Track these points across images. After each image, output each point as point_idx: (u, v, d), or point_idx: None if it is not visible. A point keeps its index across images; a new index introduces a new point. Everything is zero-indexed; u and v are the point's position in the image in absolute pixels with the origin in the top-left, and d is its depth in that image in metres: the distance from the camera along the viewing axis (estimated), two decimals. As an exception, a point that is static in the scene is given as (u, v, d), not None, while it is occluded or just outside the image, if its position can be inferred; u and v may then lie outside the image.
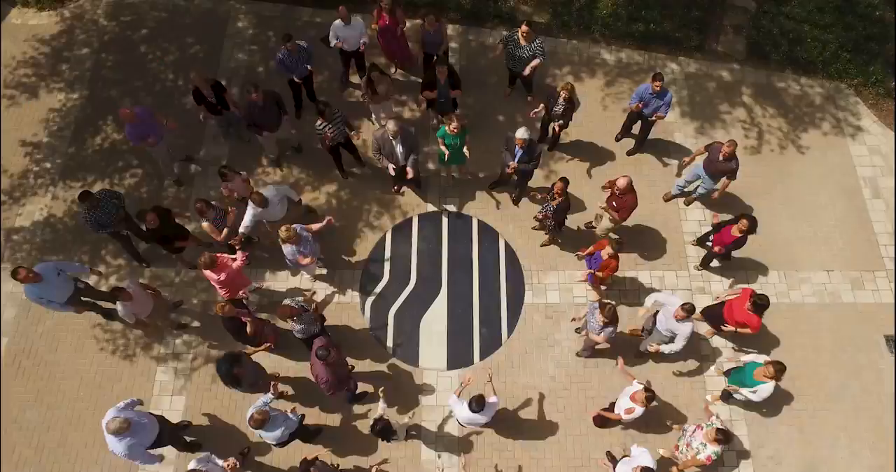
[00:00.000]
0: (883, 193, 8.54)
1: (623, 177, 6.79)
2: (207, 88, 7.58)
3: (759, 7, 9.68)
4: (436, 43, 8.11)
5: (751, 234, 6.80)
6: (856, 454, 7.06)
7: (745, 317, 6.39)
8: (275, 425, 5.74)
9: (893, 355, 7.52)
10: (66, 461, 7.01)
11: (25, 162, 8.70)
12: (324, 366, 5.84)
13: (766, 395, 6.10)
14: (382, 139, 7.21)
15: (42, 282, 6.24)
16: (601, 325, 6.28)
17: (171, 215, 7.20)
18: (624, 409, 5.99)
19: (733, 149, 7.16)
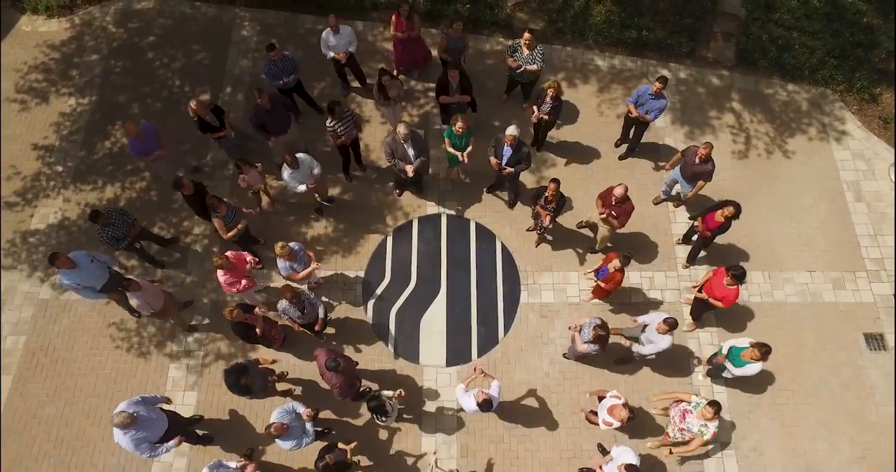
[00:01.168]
0: (865, 197, 8.87)
1: (619, 186, 7.08)
2: (209, 114, 7.81)
3: (750, 14, 9.97)
4: (458, 49, 8.37)
5: (734, 219, 7.13)
6: (834, 446, 7.44)
7: (725, 291, 6.78)
8: (290, 437, 6.06)
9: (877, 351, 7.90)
10: (84, 453, 7.37)
11: (38, 165, 9.00)
12: (335, 375, 6.19)
13: (752, 373, 6.48)
14: (394, 143, 7.52)
15: (77, 268, 6.55)
16: (590, 339, 6.60)
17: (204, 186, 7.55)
18: (603, 421, 6.32)
19: (709, 151, 7.43)
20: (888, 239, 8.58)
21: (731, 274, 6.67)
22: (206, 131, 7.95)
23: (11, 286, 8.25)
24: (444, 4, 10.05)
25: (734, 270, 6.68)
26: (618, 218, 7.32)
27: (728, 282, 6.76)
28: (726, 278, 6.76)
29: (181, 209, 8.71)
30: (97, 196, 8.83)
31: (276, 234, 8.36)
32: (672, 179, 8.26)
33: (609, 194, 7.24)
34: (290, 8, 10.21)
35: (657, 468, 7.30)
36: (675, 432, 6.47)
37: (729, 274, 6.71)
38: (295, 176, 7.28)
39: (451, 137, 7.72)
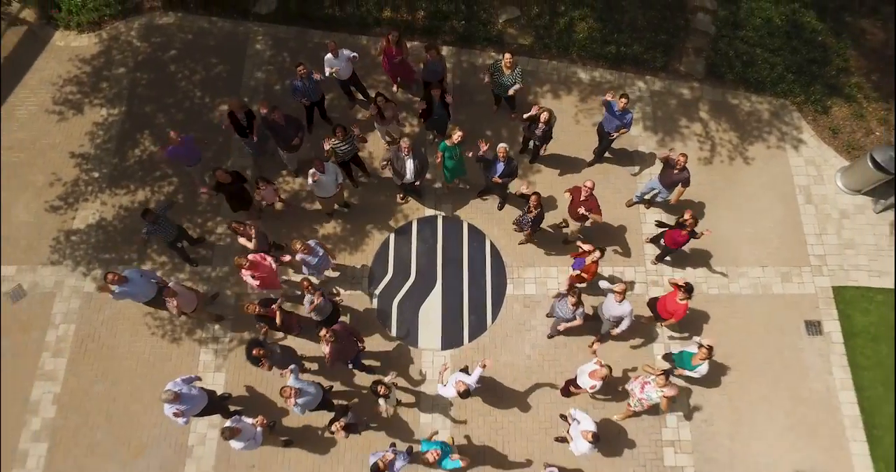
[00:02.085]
0: (814, 199, 9.97)
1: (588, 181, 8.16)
2: (241, 113, 8.89)
3: (719, 31, 10.94)
4: (437, 71, 9.37)
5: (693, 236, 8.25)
6: (773, 417, 8.68)
7: (676, 307, 7.89)
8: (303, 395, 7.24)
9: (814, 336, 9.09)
10: (129, 425, 8.58)
11: (77, 172, 10.05)
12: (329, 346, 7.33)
13: (704, 372, 7.67)
14: (395, 155, 8.58)
15: (129, 282, 7.67)
16: (573, 308, 7.75)
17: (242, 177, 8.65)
18: (589, 386, 7.50)
19: (685, 161, 8.51)
20: (831, 238, 9.71)
21: (683, 291, 7.72)
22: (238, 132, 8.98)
23: (60, 281, 9.37)
24: (440, 21, 10.99)
25: (686, 288, 7.73)
26: (593, 210, 8.35)
27: (680, 298, 7.78)
28: (679, 295, 7.80)
29: (205, 211, 9.80)
30: (130, 199, 9.91)
31: (295, 233, 9.45)
32: (649, 186, 9.32)
33: (578, 191, 8.30)
34: (300, 23, 11.14)
35: (621, 436, 8.55)
36: (635, 402, 7.67)
37: (681, 291, 7.76)
38: (322, 182, 8.34)
39: (445, 149, 8.75)
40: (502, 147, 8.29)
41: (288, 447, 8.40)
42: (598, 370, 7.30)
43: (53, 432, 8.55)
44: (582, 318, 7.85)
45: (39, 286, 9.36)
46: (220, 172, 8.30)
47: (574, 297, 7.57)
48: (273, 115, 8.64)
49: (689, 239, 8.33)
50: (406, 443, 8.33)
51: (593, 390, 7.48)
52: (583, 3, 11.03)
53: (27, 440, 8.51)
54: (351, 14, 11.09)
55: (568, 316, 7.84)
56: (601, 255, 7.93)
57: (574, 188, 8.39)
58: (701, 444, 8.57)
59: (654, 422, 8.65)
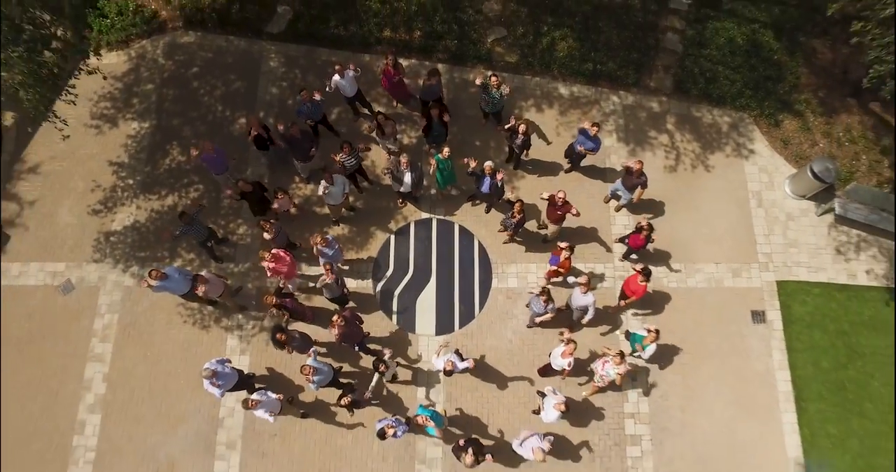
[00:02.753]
0: (764, 204, 11.30)
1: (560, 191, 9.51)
2: (260, 130, 10.19)
3: (686, 50, 12.14)
4: (434, 92, 10.63)
5: (650, 240, 9.63)
6: (719, 393, 10.13)
7: (636, 287, 9.31)
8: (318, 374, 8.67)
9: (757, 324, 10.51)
10: (168, 400, 10.04)
11: (114, 179, 11.36)
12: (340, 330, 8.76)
13: (653, 352, 9.11)
14: (395, 168, 9.91)
15: (168, 279, 9.06)
16: (544, 305, 9.17)
17: (264, 189, 10.02)
18: (565, 364, 8.91)
19: (641, 167, 9.84)
20: (777, 237, 11.07)
21: (642, 274, 9.16)
22: (259, 146, 10.29)
23: (103, 276, 10.76)
24: (435, 40, 12.18)
25: (645, 271, 9.16)
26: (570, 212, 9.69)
27: (640, 280, 9.25)
28: (639, 278, 9.25)
29: (228, 214, 11.14)
30: (161, 203, 11.24)
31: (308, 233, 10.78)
32: (614, 190, 10.69)
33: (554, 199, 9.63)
34: (309, 42, 12.33)
35: (589, 409, 10.01)
36: (598, 378, 9.11)
37: (641, 274, 9.19)
38: (332, 193, 9.68)
39: (439, 161, 10.06)
40: (488, 165, 9.61)
41: (304, 418, 9.88)
42: (567, 348, 8.69)
43: (105, 405, 10.03)
44: (553, 312, 9.26)
45: (86, 281, 10.75)
46: (242, 183, 9.64)
47: (545, 295, 8.96)
48: (291, 130, 9.93)
49: (647, 242, 9.70)
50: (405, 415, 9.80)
51: (570, 368, 8.88)
52: (563, 24, 12.21)
53: (84, 412, 9.99)
54: (354, 33, 12.28)
55: (541, 311, 9.25)
56: (571, 252, 9.31)
57: (550, 196, 9.71)
58: (657, 416, 10.05)
59: (617, 398, 10.11)
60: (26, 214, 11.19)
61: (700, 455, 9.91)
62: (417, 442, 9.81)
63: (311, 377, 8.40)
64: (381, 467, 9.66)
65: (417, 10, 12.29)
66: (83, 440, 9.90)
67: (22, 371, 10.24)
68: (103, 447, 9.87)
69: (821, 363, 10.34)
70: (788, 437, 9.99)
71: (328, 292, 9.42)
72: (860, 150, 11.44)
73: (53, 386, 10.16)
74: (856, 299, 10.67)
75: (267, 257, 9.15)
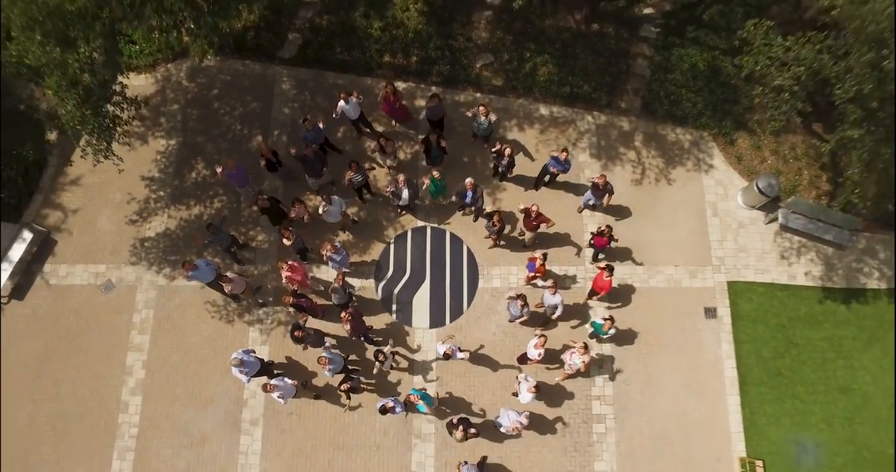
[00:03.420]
0: (719, 213, 12.84)
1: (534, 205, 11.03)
2: (270, 155, 11.69)
3: (653, 75, 13.61)
4: (437, 113, 12.13)
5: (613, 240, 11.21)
6: (674, 378, 11.76)
7: (603, 283, 10.91)
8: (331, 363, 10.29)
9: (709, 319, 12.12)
10: (199, 384, 11.68)
11: (147, 192, 12.89)
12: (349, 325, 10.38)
13: (613, 333, 10.76)
14: (394, 186, 11.44)
15: (198, 269, 10.63)
16: (520, 309, 10.75)
17: (279, 203, 11.56)
18: (536, 354, 10.55)
19: (605, 180, 11.39)
20: (729, 243, 12.63)
21: (606, 271, 10.77)
22: (269, 168, 11.81)
23: (139, 276, 12.34)
24: (430, 65, 13.64)
25: (609, 268, 10.77)
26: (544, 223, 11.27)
27: (605, 276, 10.86)
28: (604, 274, 10.86)
29: (248, 222, 12.69)
30: (188, 213, 12.79)
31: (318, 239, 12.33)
32: (586, 201, 12.24)
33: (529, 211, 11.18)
34: (317, 66, 13.77)
35: (561, 392, 11.65)
36: (567, 367, 10.74)
37: (605, 271, 10.80)
38: (330, 211, 11.22)
39: (432, 180, 11.58)
40: (469, 181, 11.15)
41: (317, 400, 11.52)
42: (538, 341, 10.33)
43: (144, 388, 11.67)
44: (528, 315, 10.87)
45: (124, 281, 12.34)
46: (261, 200, 11.13)
47: (521, 300, 10.56)
48: (305, 151, 11.44)
49: (610, 242, 11.28)
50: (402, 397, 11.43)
51: (540, 357, 10.53)
52: (544, 51, 13.66)
53: (126, 394, 11.64)
54: (357, 58, 13.73)
55: (517, 314, 10.84)
56: (545, 259, 10.90)
57: (525, 209, 11.25)
58: (620, 398, 11.69)
59: (586, 383, 11.75)
60: (70, 221, 12.74)
61: (656, 432, 11.57)
62: (413, 420, 11.46)
63: (326, 366, 10.02)
64: (383, 440, 11.33)
65: (414, 37, 13.74)
66: (127, 418, 11.56)
67: (72, 358, 11.87)
68: (144, 424, 11.53)
69: (762, 353, 11.96)
70: (732, 416, 11.65)
71: (336, 296, 10.98)
72: (803, 166, 12.96)
73: (100, 371, 11.80)
74: (794, 297, 12.27)
75: (284, 267, 10.72)
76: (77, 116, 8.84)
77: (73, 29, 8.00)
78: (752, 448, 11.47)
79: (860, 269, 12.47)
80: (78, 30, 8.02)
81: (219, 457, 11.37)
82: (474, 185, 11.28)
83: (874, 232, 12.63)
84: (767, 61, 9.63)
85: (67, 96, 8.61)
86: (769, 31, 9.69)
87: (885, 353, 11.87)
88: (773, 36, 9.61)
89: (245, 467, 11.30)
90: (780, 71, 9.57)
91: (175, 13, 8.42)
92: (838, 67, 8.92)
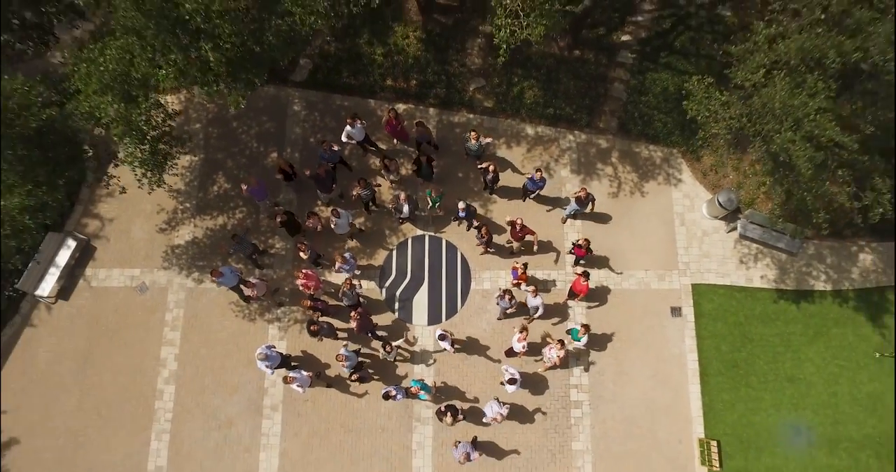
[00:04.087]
0: (686, 223, 14.41)
1: (518, 218, 12.61)
2: (287, 167, 13.26)
3: (629, 97, 15.13)
4: (424, 138, 13.68)
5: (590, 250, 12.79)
6: (642, 370, 13.39)
7: (581, 286, 12.52)
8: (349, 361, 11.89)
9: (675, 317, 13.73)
10: (225, 374, 13.29)
11: (174, 203, 14.43)
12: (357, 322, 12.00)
13: (585, 342, 12.37)
14: (396, 201, 13.01)
15: (223, 276, 12.21)
16: (508, 301, 12.34)
17: (295, 216, 13.11)
18: (520, 347, 12.16)
19: (585, 192, 12.96)
20: (694, 250, 14.22)
21: (583, 276, 12.36)
22: (285, 179, 13.36)
23: (170, 279, 13.92)
24: (427, 89, 15.14)
25: (585, 274, 12.37)
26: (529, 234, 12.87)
27: (582, 281, 12.46)
28: (581, 279, 12.46)
29: (266, 231, 14.24)
30: (213, 223, 14.33)
31: (330, 248, 13.89)
32: (572, 208, 13.80)
33: (514, 224, 12.77)
34: (326, 89, 15.26)
35: (542, 381, 13.28)
36: (546, 359, 12.37)
37: (582, 276, 12.40)
38: (339, 224, 12.79)
39: (429, 195, 13.15)
40: (461, 205, 12.71)
41: (329, 388, 13.15)
42: (521, 335, 11.95)
43: (177, 378, 13.29)
44: (516, 306, 12.47)
45: (157, 283, 13.91)
46: (279, 215, 12.69)
47: (508, 294, 12.16)
48: (318, 170, 12.99)
49: (588, 252, 12.87)
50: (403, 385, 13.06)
51: (524, 350, 12.15)
52: (530, 76, 15.17)
53: (161, 383, 13.25)
54: (363, 82, 15.22)
55: (506, 306, 12.45)
56: (526, 268, 12.49)
57: (510, 222, 12.82)
58: (594, 386, 13.33)
59: (565, 373, 13.38)
60: (107, 229, 14.29)
61: (626, 416, 13.22)
62: (414, 405, 13.10)
63: (344, 364, 11.66)
64: (388, 423, 12.98)
65: (413, 63, 15.23)
66: (162, 404, 13.18)
67: (113, 352, 13.46)
68: (177, 409, 13.15)
69: (721, 347, 13.58)
70: (693, 402, 13.29)
71: (347, 299, 12.57)
72: (761, 181, 14.50)
73: (137, 363, 13.40)
74: (750, 298, 13.88)
75: (300, 276, 12.32)
76: (137, 157, 10.42)
77: (135, 90, 9.57)
78: (710, 430, 13.13)
79: (809, 273, 14.09)
80: (139, 90, 9.58)
81: (243, 438, 13.01)
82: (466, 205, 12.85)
83: (822, 240, 14.22)
84: (706, 112, 11.21)
85: (129, 142, 10.18)
86: (709, 87, 11.26)
87: (827, 346, 13.51)
88: (712, 91, 11.19)
89: (267, 447, 12.95)
90: (716, 121, 11.18)
91: (219, 74, 9.93)
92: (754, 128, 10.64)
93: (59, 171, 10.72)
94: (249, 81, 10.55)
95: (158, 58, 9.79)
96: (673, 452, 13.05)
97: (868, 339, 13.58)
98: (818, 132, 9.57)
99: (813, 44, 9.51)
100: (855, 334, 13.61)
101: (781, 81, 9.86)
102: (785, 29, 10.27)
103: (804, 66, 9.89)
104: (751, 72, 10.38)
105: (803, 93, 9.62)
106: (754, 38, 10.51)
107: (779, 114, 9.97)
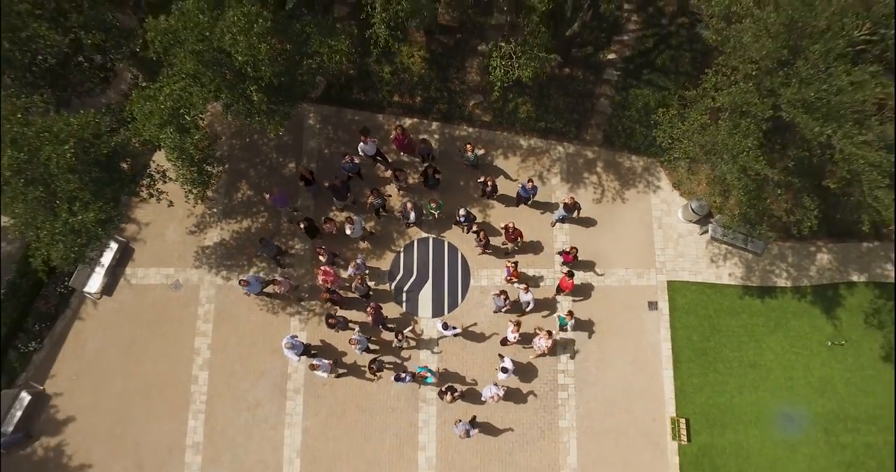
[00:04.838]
0: (663, 226, 16.08)
1: (510, 222, 14.29)
2: (308, 173, 14.89)
3: (613, 113, 16.72)
4: (426, 151, 15.30)
5: (576, 256, 14.47)
6: (621, 357, 15.13)
7: (566, 283, 14.22)
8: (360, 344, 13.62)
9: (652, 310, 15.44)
10: (253, 361, 15.01)
11: (203, 208, 16.05)
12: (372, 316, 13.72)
13: (573, 325, 14.09)
14: (403, 209, 14.66)
15: (250, 285, 13.89)
16: (503, 301, 14.04)
17: (314, 221, 14.75)
18: (513, 338, 13.88)
19: (573, 200, 14.63)
20: (670, 250, 15.91)
21: (568, 275, 14.06)
22: (306, 183, 14.98)
23: (202, 277, 15.58)
24: (431, 104, 16.70)
25: (570, 272, 14.07)
26: (520, 237, 14.56)
27: (568, 279, 14.16)
28: (566, 277, 14.15)
29: (287, 234, 15.89)
30: (238, 226, 15.97)
31: (344, 248, 15.54)
32: (560, 213, 15.47)
33: (507, 226, 14.44)
34: (338, 104, 16.83)
35: (533, 368, 15.03)
36: (536, 348, 14.09)
37: (567, 275, 14.10)
38: (353, 229, 14.45)
39: (429, 207, 14.79)
40: (462, 211, 14.36)
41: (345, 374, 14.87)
42: (513, 327, 13.67)
43: (210, 365, 15.01)
44: (509, 304, 14.18)
45: (190, 281, 15.58)
46: (301, 221, 14.35)
47: (503, 295, 13.86)
48: (335, 181, 14.62)
49: (574, 258, 14.55)
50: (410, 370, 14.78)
51: (517, 340, 13.89)
52: (524, 92, 16.73)
53: (196, 370, 14.98)
54: (372, 98, 16.78)
55: (501, 305, 14.15)
56: (516, 266, 14.20)
57: (504, 226, 14.50)
58: (579, 371, 15.08)
59: (553, 360, 15.12)
60: (143, 232, 15.93)
61: (607, 398, 14.98)
62: (420, 388, 14.85)
63: (356, 346, 13.38)
64: (397, 404, 14.74)
65: (418, 81, 16.79)
66: (197, 388, 14.91)
67: (152, 343, 15.16)
68: (211, 393, 14.89)
69: (692, 337, 15.31)
70: (666, 386, 15.05)
71: (359, 291, 14.26)
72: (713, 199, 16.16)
73: (174, 352, 15.11)
74: (719, 293, 15.59)
75: (319, 273, 14.02)
76: (187, 177, 12.10)
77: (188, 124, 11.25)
78: (681, 410, 14.90)
79: (772, 271, 15.79)
80: (191, 124, 11.25)
81: (270, 417, 14.77)
82: (466, 212, 14.51)
83: (784, 241, 15.91)
84: (670, 139, 12.91)
85: (181, 165, 11.86)
86: (673, 118, 12.93)
87: (786, 336, 15.26)
88: (675, 121, 12.88)
89: (290, 425, 14.71)
90: (679, 147, 12.86)
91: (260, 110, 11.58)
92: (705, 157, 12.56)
93: (121, 188, 12.33)
94: (285, 112, 12.15)
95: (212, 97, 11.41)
96: (648, 428, 14.83)
97: (822, 329, 15.32)
98: (749, 166, 11.33)
99: (742, 99, 11.32)
100: (811, 325, 15.35)
101: (725, 122, 11.58)
102: (728, 80, 11.98)
103: (739, 113, 11.62)
104: (699, 114, 12.12)
105: (738, 134, 11.35)
106: (703, 85, 12.20)
107: (720, 149, 11.69)
